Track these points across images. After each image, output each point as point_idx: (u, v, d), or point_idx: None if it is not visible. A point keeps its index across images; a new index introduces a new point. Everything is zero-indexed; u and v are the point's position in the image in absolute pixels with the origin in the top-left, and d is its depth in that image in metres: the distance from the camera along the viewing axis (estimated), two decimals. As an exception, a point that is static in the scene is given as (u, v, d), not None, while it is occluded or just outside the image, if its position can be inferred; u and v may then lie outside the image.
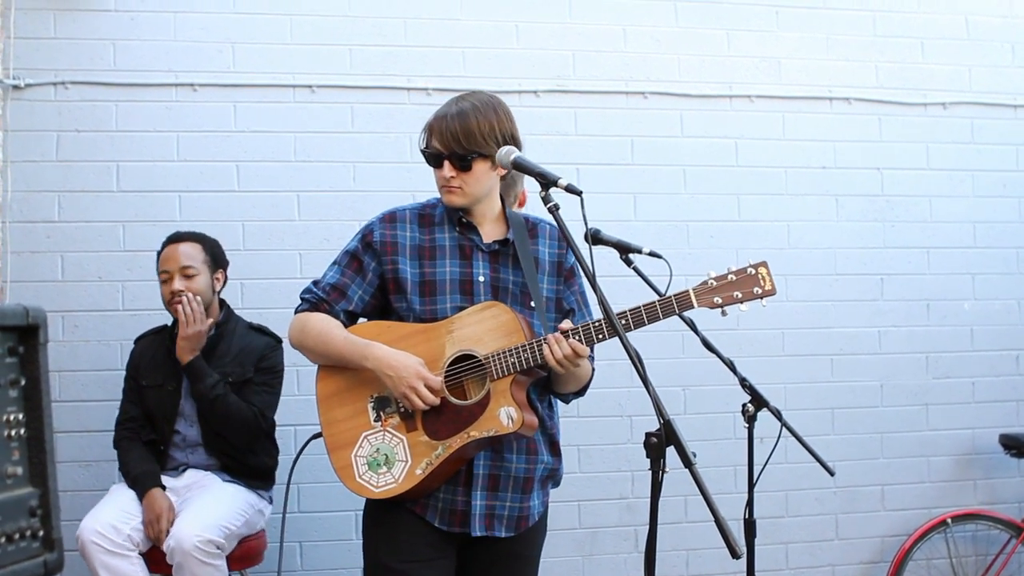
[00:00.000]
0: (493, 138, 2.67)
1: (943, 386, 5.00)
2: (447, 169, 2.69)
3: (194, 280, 3.81)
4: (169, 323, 3.95)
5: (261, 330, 4.02)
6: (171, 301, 3.80)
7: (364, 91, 4.54)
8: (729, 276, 2.62)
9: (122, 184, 4.35)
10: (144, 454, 3.80)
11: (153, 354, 3.92)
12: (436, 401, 2.61)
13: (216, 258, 3.94)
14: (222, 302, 4.00)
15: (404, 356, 2.64)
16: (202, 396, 3.73)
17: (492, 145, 2.66)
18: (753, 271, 2.62)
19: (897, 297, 4.97)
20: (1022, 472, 5.06)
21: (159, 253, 3.89)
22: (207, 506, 3.61)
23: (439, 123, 2.70)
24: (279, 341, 3.97)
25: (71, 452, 4.06)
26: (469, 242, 2.78)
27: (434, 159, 2.72)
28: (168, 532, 3.50)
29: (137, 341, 4.02)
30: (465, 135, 2.65)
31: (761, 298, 2.62)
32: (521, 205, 3.77)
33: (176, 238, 3.88)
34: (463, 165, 2.67)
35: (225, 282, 4.00)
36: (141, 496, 3.66)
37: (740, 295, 2.60)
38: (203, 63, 4.43)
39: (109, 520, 3.50)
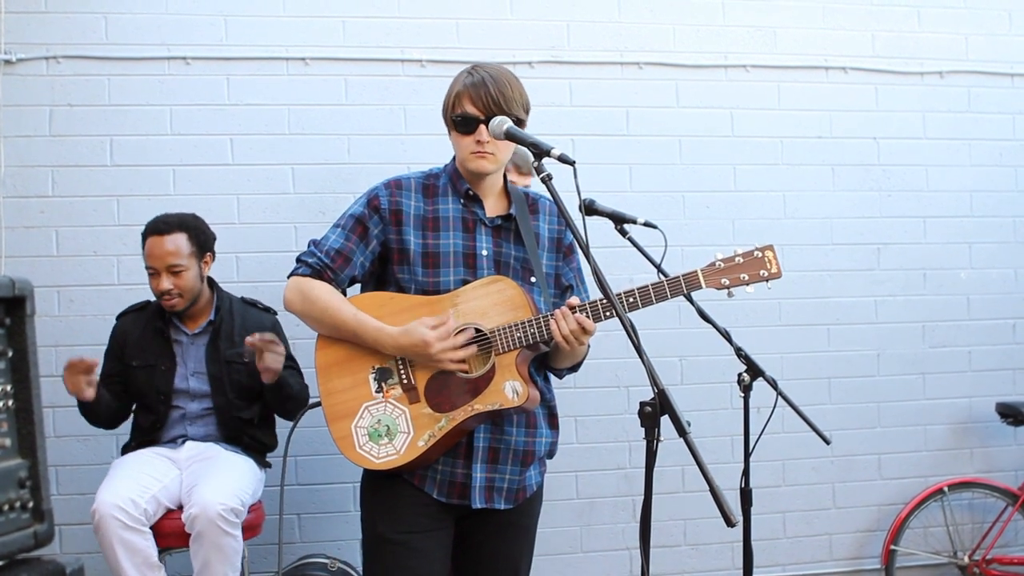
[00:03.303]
0: (522, 105, 2.71)
1: (940, 355, 5.01)
2: (483, 134, 2.66)
3: (182, 276, 3.69)
4: (153, 298, 3.85)
5: (255, 304, 3.99)
6: (160, 297, 3.72)
7: (358, 63, 4.51)
8: (736, 258, 2.65)
9: (115, 158, 4.33)
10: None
11: (141, 332, 3.82)
12: (462, 355, 2.62)
13: (203, 243, 3.79)
14: (210, 280, 3.90)
15: (413, 333, 2.61)
16: (291, 396, 3.75)
17: (523, 112, 2.70)
18: (760, 254, 2.65)
19: (893, 266, 4.97)
20: (1018, 440, 5.08)
21: (144, 239, 3.74)
22: (224, 473, 3.56)
23: (474, 89, 2.66)
24: (276, 312, 3.96)
25: (70, 427, 4.07)
26: (473, 216, 2.77)
27: (468, 124, 2.68)
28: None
29: (120, 317, 3.92)
30: (505, 99, 2.65)
31: (767, 280, 2.65)
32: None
33: (159, 229, 3.71)
34: None
35: (213, 258, 3.88)
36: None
37: (747, 277, 2.65)
38: (196, 36, 4.40)
39: (128, 494, 3.41)
